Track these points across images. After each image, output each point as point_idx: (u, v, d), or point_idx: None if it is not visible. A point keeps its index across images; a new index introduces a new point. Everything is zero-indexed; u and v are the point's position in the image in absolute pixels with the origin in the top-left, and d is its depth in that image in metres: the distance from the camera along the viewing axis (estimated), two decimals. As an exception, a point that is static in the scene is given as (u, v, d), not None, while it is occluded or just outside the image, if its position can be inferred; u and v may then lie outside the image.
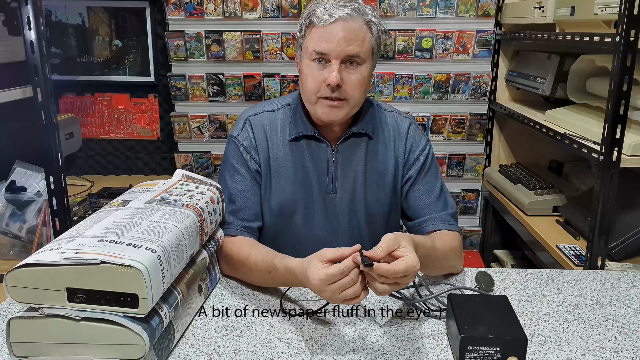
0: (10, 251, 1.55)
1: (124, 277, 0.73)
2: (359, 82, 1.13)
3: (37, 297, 0.75)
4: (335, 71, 1.09)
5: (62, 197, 1.26)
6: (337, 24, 1.09)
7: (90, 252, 0.74)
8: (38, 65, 1.18)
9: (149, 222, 0.86)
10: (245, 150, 1.22)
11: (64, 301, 0.74)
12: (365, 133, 1.23)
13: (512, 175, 2.16)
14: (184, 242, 0.87)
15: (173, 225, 0.87)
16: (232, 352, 0.88)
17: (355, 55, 1.11)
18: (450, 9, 2.24)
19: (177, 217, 0.90)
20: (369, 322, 0.97)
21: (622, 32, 1.20)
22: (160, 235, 0.82)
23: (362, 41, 1.11)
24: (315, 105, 1.15)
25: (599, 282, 1.14)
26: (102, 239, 0.78)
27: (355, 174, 1.23)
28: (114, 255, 0.74)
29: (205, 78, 2.34)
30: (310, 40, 1.13)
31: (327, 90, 1.11)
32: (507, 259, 2.34)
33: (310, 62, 1.13)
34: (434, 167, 1.28)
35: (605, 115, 1.26)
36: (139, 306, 0.74)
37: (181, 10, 2.28)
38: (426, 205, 1.23)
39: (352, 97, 1.14)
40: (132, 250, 0.76)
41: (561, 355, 0.87)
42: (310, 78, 1.13)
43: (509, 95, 2.35)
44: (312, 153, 1.23)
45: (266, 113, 1.26)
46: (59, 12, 2.36)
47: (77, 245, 0.77)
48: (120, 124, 2.49)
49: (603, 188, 1.25)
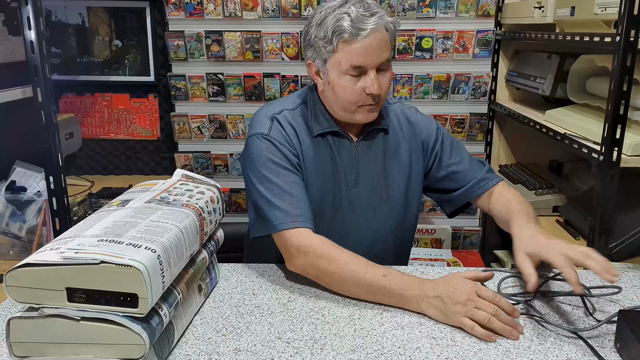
0: (10, 251, 1.55)
1: (124, 276, 0.73)
2: (388, 83, 1.20)
3: (37, 297, 0.75)
4: (376, 82, 1.15)
5: (62, 197, 1.26)
6: (370, 37, 1.12)
7: (90, 252, 0.74)
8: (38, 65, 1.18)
9: (149, 221, 0.86)
10: (282, 145, 1.19)
11: (63, 301, 0.74)
12: (383, 128, 1.28)
13: (512, 175, 2.16)
14: (183, 241, 0.87)
15: (173, 225, 0.87)
16: (232, 352, 0.88)
17: (386, 60, 1.17)
18: (450, 9, 2.24)
19: (177, 217, 0.90)
20: (369, 322, 0.97)
21: (622, 32, 1.20)
22: (160, 235, 0.82)
23: (388, 44, 1.17)
24: (355, 113, 1.20)
25: (599, 282, 1.14)
26: (102, 239, 0.78)
27: (376, 168, 1.27)
28: (114, 254, 0.74)
29: (205, 78, 2.34)
30: (345, 56, 1.14)
31: (369, 99, 1.16)
32: (507, 259, 2.34)
33: (346, 76, 1.15)
34: (453, 139, 1.37)
35: (605, 115, 1.26)
36: (139, 306, 0.74)
37: (181, 10, 2.28)
38: (466, 171, 1.31)
39: (384, 97, 1.21)
40: (132, 250, 0.76)
41: None
42: (349, 91, 1.16)
43: (509, 95, 2.35)
44: (336, 148, 1.25)
45: (288, 111, 1.25)
46: (59, 12, 2.36)
47: (76, 245, 0.77)
48: (120, 124, 2.49)
49: (603, 188, 1.25)
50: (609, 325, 0.94)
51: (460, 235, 2.51)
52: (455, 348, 0.89)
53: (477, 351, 0.88)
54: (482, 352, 0.87)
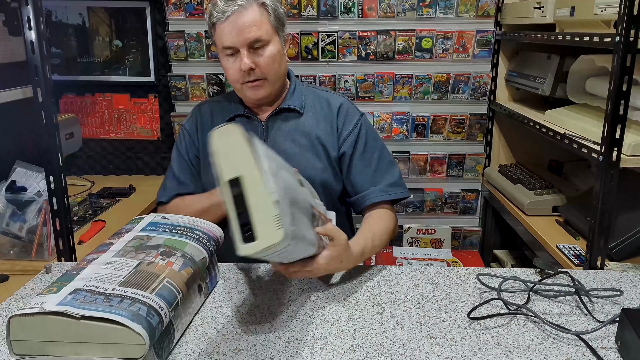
0: (11, 251, 1.55)
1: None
2: (270, 60, 1.26)
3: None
4: (245, 58, 1.23)
5: (62, 197, 1.26)
6: (232, 18, 1.22)
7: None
8: (38, 65, 1.18)
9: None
10: (189, 136, 1.41)
11: None
12: (293, 108, 1.36)
13: (512, 175, 2.16)
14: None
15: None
16: (232, 351, 0.88)
17: (257, 39, 1.24)
18: (450, 9, 2.25)
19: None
20: (369, 322, 0.97)
21: (621, 32, 1.20)
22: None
23: (259, 24, 1.24)
24: (242, 91, 1.31)
25: (599, 282, 1.14)
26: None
27: (287, 145, 1.33)
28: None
29: (206, 78, 2.34)
30: (217, 38, 1.27)
31: (245, 75, 1.26)
32: (506, 259, 2.34)
33: (225, 57, 1.28)
34: (371, 140, 1.38)
35: (605, 115, 1.26)
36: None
37: (181, 11, 2.28)
38: (365, 180, 1.34)
39: (269, 73, 1.27)
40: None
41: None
42: (230, 71, 1.28)
43: (508, 95, 2.35)
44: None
45: (212, 102, 1.44)
46: (59, 12, 2.37)
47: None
48: (121, 124, 2.49)
49: (603, 188, 1.25)
50: (609, 325, 0.94)
51: (460, 235, 2.51)
52: (455, 348, 0.89)
53: (477, 351, 0.88)
54: (482, 352, 0.88)
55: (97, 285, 0.80)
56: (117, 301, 0.77)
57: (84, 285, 0.80)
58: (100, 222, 1.86)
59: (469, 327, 0.95)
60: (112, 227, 1.79)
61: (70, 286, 0.80)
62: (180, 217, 1.10)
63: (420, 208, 2.47)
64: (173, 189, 1.41)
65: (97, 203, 2.06)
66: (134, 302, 0.77)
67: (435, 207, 2.48)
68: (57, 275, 1.01)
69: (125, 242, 0.96)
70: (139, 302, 0.78)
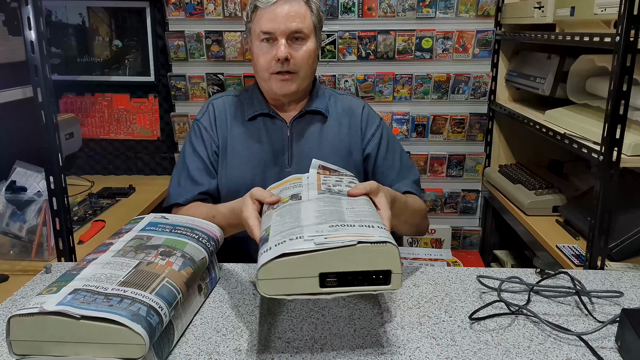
0: (11, 251, 1.55)
1: (379, 254, 0.74)
2: (306, 55, 1.25)
3: (289, 287, 0.75)
4: (282, 46, 1.22)
5: (62, 197, 1.26)
6: (278, 4, 1.22)
7: (338, 236, 0.75)
8: (38, 65, 1.18)
9: (347, 209, 0.87)
10: (206, 132, 1.35)
11: (316, 287, 0.75)
12: (319, 111, 1.35)
13: (512, 175, 2.16)
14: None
15: (369, 209, 0.88)
16: (232, 351, 0.88)
17: (299, 30, 1.23)
18: (450, 9, 2.25)
19: (362, 202, 0.92)
20: (369, 322, 0.97)
21: (622, 32, 1.20)
22: (373, 216, 0.84)
23: (303, 18, 1.24)
24: (269, 82, 1.28)
25: (599, 282, 1.14)
26: (333, 224, 0.79)
27: (311, 148, 1.32)
28: (364, 235, 0.75)
29: (205, 78, 2.35)
30: (257, 23, 1.25)
31: (278, 65, 1.24)
32: (506, 259, 2.34)
33: (260, 43, 1.25)
34: (392, 142, 1.39)
35: (605, 115, 1.26)
36: (392, 282, 0.75)
37: (181, 11, 2.28)
38: (391, 179, 1.35)
39: (301, 69, 1.26)
40: (373, 230, 0.77)
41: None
42: (261, 57, 1.26)
43: (508, 95, 2.35)
44: (268, 130, 1.33)
45: (228, 97, 1.40)
46: (59, 12, 2.37)
47: (315, 232, 0.77)
48: (121, 124, 2.49)
49: (603, 188, 1.25)
50: (609, 325, 0.94)
51: (460, 235, 2.51)
52: (455, 348, 0.89)
53: (477, 351, 0.88)
54: (482, 352, 0.87)
55: (97, 285, 0.80)
56: (117, 301, 0.77)
57: (84, 285, 0.80)
58: (100, 222, 1.86)
59: (469, 327, 0.95)
60: (112, 227, 1.79)
61: (70, 286, 0.80)
62: (180, 217, 1.10)
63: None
64: (189, 190, 1.31)
65: (97, 203, 2.06)
66: (133, 302, 0.77)
67: (435, 207, 2.48)
68: (57, 275, 1.01)
69: (125, 242, 0.96)
70: (138, 302, 0.77)
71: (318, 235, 0.75)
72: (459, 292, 1.08)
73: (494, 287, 1.08)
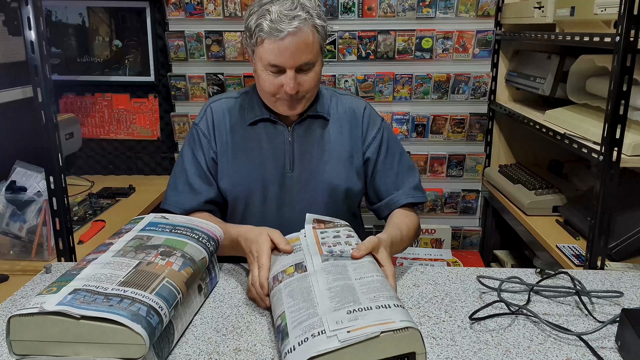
0: (11, 251, 1.55)
1: (403, 340, 0.74)
2: (313, 81, 1.22)
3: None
4: (292, 81, 1.17)
5: (62, 197, 1.26)
6: (287, 39, 1.13)
7: (359, 327, 0.74)
8: (38, 65, 1.18)
9: (356, 280, 0.87)
10: (204, 137, 1.32)
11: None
12: (321, 115, 1.32)
13: (512, 175, 2.16)
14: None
15: (378, 277, 0.89)
16: (232, 351, 0.88)
17: (308, 62, 1.18)
18: (450, 9, 2.25)
19: (369, 267, 0.93)
20: (369, 322, 0.97)
21: (622, 32, 1.20)
22: (386, 289, 0.85)
23: (311, 46, 1.17)
24: (275, 104, 1.25)
25: (599, 282, 1.14)
26: (351, 310, 0.78)
27: (313, 152, 1.31)
28: (385, 321, 0.75)
29: (205, 78, 2.35)
30: (263, 52, 1.17)
31: (286, 95, 1.20)
32: (506, 259, 2.34)
33: (266, 70, 1.19)
34: (393, 145, 1.37)
35: (605, 116, 1.26)
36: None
37: (181, 11, 2.28)
38: (389, 183, 1.34)
39: (309, 92, 1.23)
40: (391, 312, 0.77)
41: None
42: (267, 83, 1.20)
43: (508, 95, 2.35)
44: (269, 135, 1.31)
45: (228, 99, 1.36)
46: (59, 12, 2.36)
47: (335, 323, 0.76)
48: (121, 124, 2.49)
49: (603, 188, 1.25)
50: (609, 325, 0.94)
51: (460, 235, 2.51)
52: (455, 348, 0.89)
53: (477, 351, 0.88)
54: (482, 352, 0.87)
55: (97, 285, 0.80)
56: (117, 301, 0.77)
57: (84, 285, 0.80)
58: (100, 222, 1.86)
59: (469, 328, 0.95)
60: (112, 227, 1.79)
61: (69, 286, 0.80)
62: (180, 217, 1.10)
63: (420, 208, 2.47)
64: (189, 199, 1.29)
65: (97, 203, 2.06)
66: (133, 302, 0.77)
67: (436, 207, 2.48)
68: (57, 275, 1.01)
69: (125, 242, 0.96)
70: (138, 302, 0.77)
71: (340, 330, 0.74)
72: (459, 292, 1.08)
73: (494, 287, 1.08)
